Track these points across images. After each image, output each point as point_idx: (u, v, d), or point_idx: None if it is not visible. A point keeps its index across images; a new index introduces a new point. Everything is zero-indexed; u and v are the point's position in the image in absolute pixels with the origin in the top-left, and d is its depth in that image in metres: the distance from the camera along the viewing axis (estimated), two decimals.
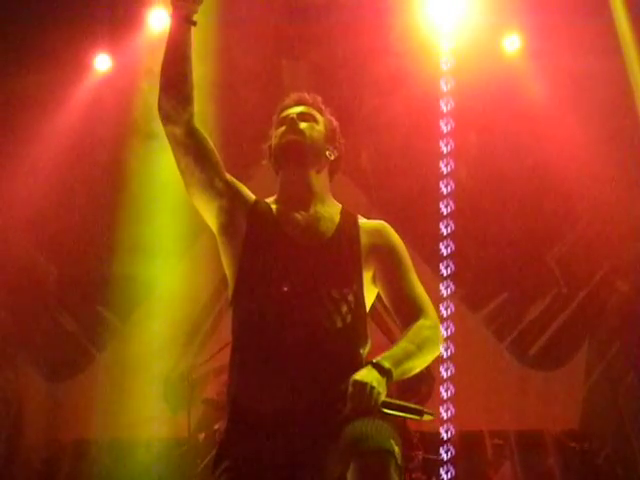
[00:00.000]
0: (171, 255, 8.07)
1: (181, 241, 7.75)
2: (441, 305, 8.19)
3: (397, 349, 3.00)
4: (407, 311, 3.13)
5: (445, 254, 8.28)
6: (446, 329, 8.13)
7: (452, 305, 8.23)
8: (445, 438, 8.01)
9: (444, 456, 7.96)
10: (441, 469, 7.85)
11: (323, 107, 3.34)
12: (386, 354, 2.97)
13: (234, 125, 7.57)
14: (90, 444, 8.34)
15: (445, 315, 8.17)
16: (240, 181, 3.29)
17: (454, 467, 7.93)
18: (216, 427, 6.44)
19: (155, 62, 3.22)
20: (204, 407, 6.94)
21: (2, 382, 8.44)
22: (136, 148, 7.87)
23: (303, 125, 3.23)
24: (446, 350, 8.06)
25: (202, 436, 6.78)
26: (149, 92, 3.12)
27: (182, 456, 7.14)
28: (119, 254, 8.04)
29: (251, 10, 7.84)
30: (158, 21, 7.58)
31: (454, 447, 8.02)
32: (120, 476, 7.97)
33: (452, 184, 8.36)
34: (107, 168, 8.39)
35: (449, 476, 7.85)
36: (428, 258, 8.28)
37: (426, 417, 2.88)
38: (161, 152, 3.17)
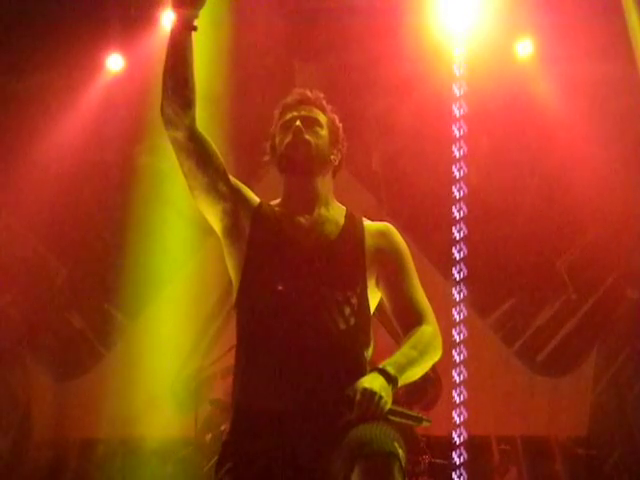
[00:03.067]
0: (180, 255, 8.09)
1: (191, 241, 7.76)
2: (453, 309, 8.19)
3: (400, 355, 3.02)
4: (408, 316, 3.15)
5: (457, 258, 8.27)
6: (458, 334, 8.13)
7: (464, 309, 8.24)
8: (457, 443, 8.01)
9: (456, 460, 7.96)
10: (453, 473, 7.86)
11: (325, 104, 3.32)
12: (390, 360, 2.99)
13: (246, 126, 7.58)
14: (97, 443, 8.37)
15: (457, 320, 8.17)
16: (250, 182, 3.30)
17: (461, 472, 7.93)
18: (223, 428, 6.43)
19: None
20: (211, 408, 6.93)
21: (11, 380, 8.46)
22: (147, 149, 7.90)
23: (309, 135, 3.21)
24: (459, 355, 8.06)
25: (209, 437, 6.77)
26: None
27: (188, 456, 7.15)
28: (128, 254, 8.05)
29: (264, 13, 7.85)
30: (172, 21, 7.57)
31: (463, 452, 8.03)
32: (127, 475, 7.98)
33: (464, 188, 8.35)
34: (118, 168, 8.41)
35: None
36: (438, 262, 8.29)
37: (425, 424, 2.97)
38: (172, 153, 3.17)
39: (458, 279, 8.27)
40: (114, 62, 8.27)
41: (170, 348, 7.95)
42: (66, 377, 8.53)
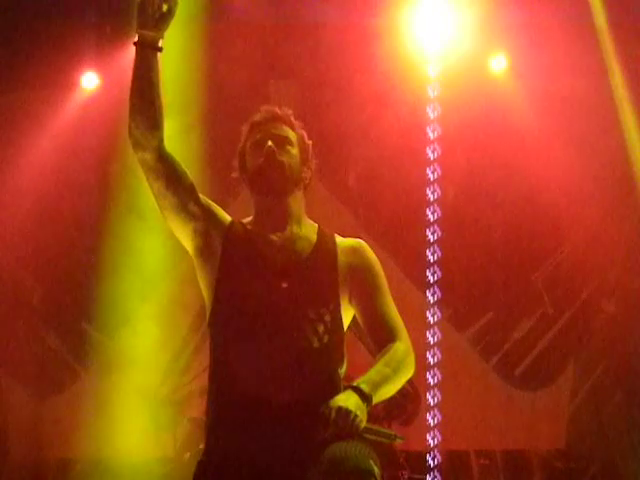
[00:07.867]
0: (157, 273, 8.06)
1: (167, 259, 7.74)
2: (429, 323, 8.21)
3: (374, 373, 3.01)
4: (381, 333, 3.13)
5: (431, 269, 8.30)
6: (433, 344, 8.14)
7: (438, 322, 8.25)
8: (434, 458, 8.01)
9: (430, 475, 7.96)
10: None
11: (294, 121, 3.30)
12: (364, 378, 2.97)
13: (220, 143, 7.58)
14: (75, 462, 8.31)
15: (434, 333, 8.18)
16: (227, 199, 3.29)
17: None
18: (201, 446, 6.37)
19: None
20: (189, 426, 6.92)
21: None
22: (122, 168, 7.87)
23: (281, 155, 3.18)
24: (434, 363, 8.07)
25: (187, 455, 6.75)
26: None
27: (167, 475, 7.12)
28: (105, 272, 8.02)
29: (239, 30, 7.86)
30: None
31: (440, 467, 8.02)
32: None
33: (439, 201, 8.38)
34: (93, 187, 8.38)
35: None
36: (414, 276, 8.31)
37: (398, 441, 2.98)
38: None
39: (433, 292, 8.29)
40: (88, 80, 8.26)
41: (147, 366, 7.91)
42: (42, 396, 8.48)
